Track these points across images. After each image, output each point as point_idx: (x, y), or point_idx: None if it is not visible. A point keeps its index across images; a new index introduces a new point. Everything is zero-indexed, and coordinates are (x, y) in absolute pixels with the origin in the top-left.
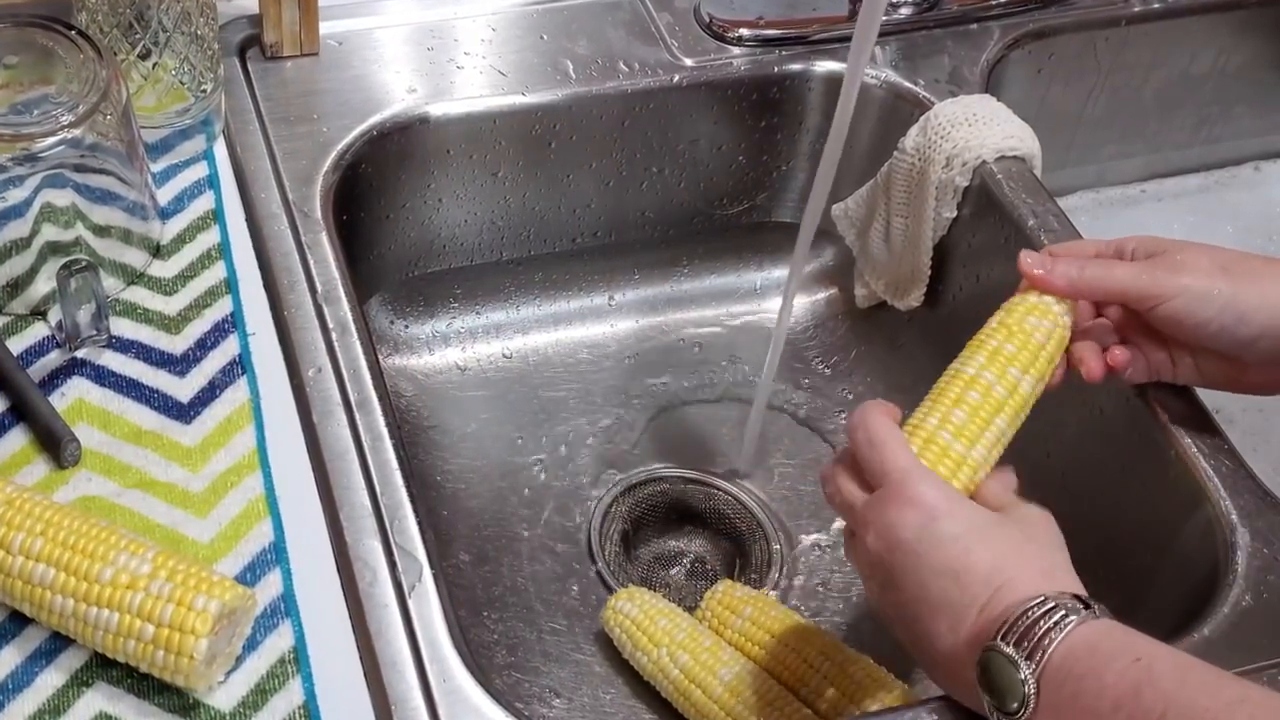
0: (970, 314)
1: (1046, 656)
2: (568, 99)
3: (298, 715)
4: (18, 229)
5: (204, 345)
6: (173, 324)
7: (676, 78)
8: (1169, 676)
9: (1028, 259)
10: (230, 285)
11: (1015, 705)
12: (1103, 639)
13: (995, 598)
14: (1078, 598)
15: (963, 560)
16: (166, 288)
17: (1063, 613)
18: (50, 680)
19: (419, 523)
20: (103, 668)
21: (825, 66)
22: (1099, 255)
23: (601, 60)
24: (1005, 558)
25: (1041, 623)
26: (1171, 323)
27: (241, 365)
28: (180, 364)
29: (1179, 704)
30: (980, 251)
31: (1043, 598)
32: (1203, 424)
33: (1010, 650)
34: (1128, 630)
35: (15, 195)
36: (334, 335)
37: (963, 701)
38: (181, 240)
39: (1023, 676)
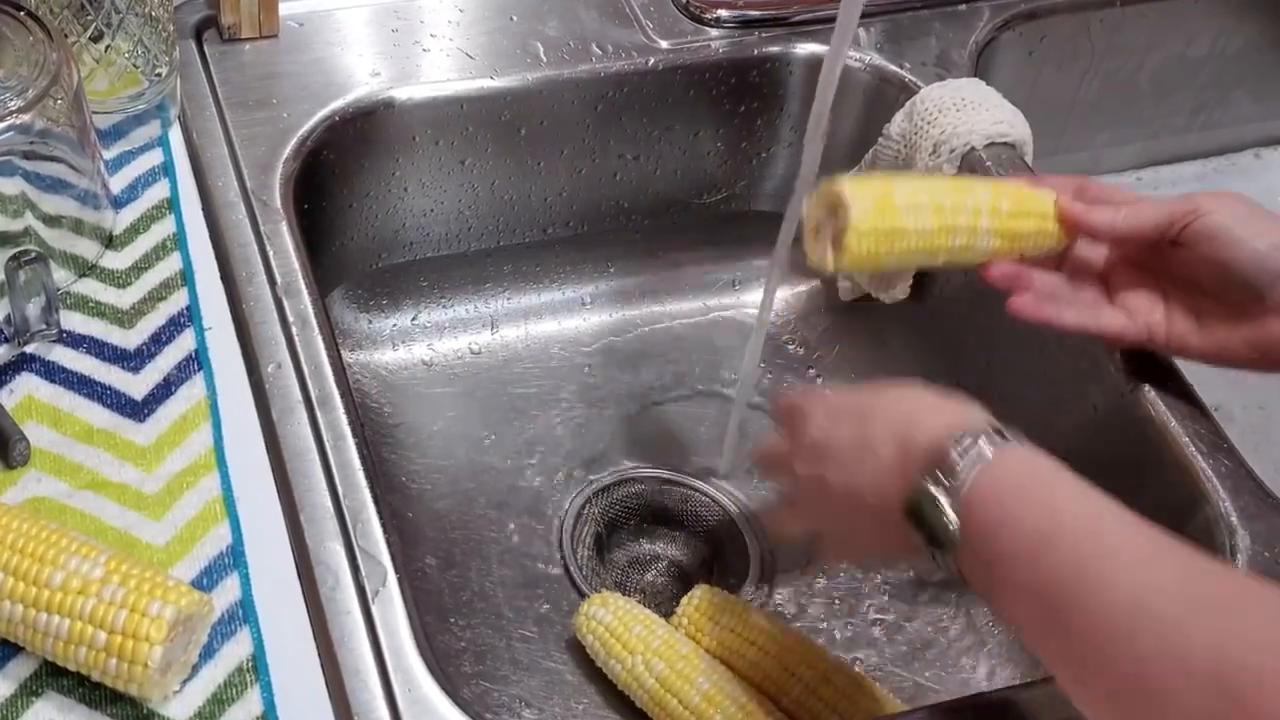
0: (958, 308)
1: (967, 489)
2: (538, 83)
3: None
4: None
5: (159, 340)
6: (126, 318)
7: (652, 61)
8: (1076, 529)
9: (1067, 205)
10: (186, 277)
11: (943, 539)
12: (1022, 480)
13: (912, 435)
14: (994, 428)
15: (862, 415)
16: (119, 280)
17: (977, 443)
18: None
19: (383, 525)
20: (53, 676)
21: (807, 49)
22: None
23: (573, 42)
24: (905, 408)
25: (957, 455)
26: (1205, 238)
27: (198, 361)
28: (134, 359)
29: (1083, 559)
30: None
31: (961, 433)
32: (1201, 421)
33: (932, 488)
34: (1048, 468)
35: None
36: (294, 330)
37: (898, 555)
38: (135, 230)
39: (946, 515)
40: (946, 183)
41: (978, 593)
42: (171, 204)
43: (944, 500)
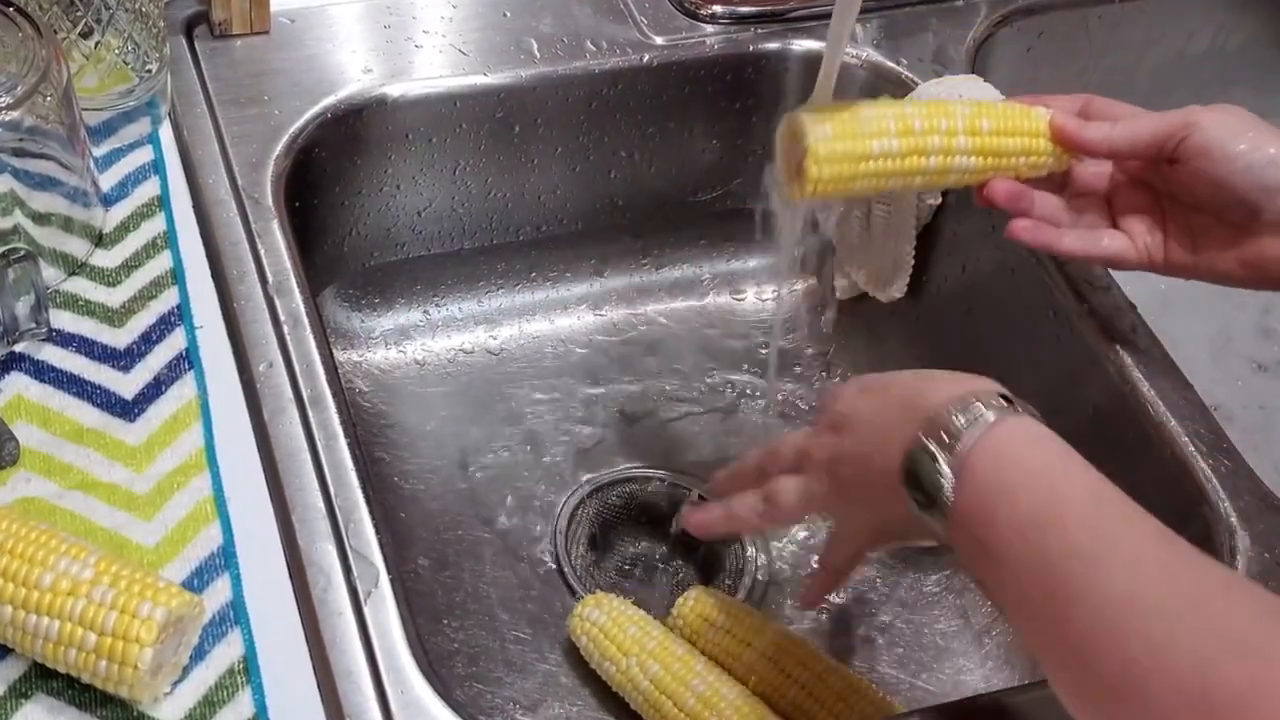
0: (955, 306)
1: (965, 449)
2: (532, 80)
3: None
4: None
5: (149, 339)
6: (116, 316)
7: (647, 57)
8: (1075, 517)
9: (1062, 121)
10: (176, 276)
11: (936, 498)
12: (1024, 450)
13: (923, 399)
14: (1002, 396)
15: (886, 386)
16: (110, 278)
17: (980, 407)
18: None
19: (375, 526)
20: (43, 678)
21: (803, 45)
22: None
23: (568, 39)
24: (924, 379)
25: (959, 417)
26: (1200, 152)
27: (188, 360)
28: (124, 359)
29: (1079, 550)
30: (965, 240)
31: (961, 395)
32: (1201, 421)
33: (932, 446)
34: (1052, 445)
35: None
36: (286, 329)
37: (898, 529)
38: (125, 228)
39: (941, 473)
40: (922, 106)
41: (966, 565)
42: (162, 202)
43: (941, 457)
